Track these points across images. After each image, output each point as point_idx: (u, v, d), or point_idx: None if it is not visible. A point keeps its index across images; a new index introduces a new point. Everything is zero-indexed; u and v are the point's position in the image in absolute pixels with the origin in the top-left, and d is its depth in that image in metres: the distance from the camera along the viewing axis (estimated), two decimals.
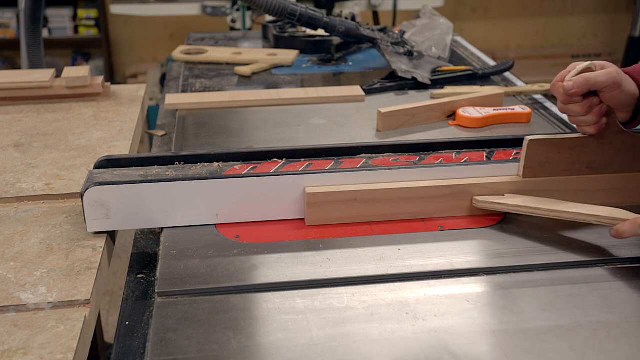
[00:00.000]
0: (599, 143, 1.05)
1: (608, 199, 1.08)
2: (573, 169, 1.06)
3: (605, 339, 0.80)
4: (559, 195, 1.07)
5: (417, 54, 1.85)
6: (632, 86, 1.00)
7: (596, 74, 0.98)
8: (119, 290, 2.78)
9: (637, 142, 1.06)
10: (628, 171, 1.08)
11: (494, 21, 5.23)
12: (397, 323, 0.83)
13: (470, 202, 1.06)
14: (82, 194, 0.99)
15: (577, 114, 1.01)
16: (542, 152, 1.04)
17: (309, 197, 1.02)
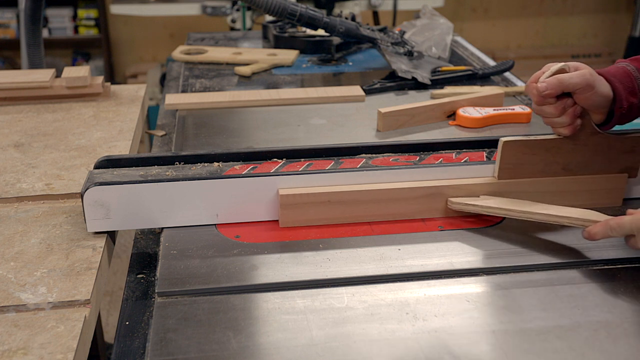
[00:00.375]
0: (574, 144, 1.05)
1: (584, 200, 1.08)
2: (549, 170, 1.06)
3: (605, 339, 0.80)
4: (535, 196, 1.06)
5: (417, 54, 1.85)
6: (605, 88, 0.99)
7: (569, 75, 0.97)
8: (119, 290, 2.78)
9: (613, 144, 1.06)
10: (604, 172, 1.08)
11: (494, 21, 5.23)
12: (397, 323, 0.83)
13: (445, 204, 1.06)
14: (82, 194, 0.99)
15: (551, 115, 1.01)
16: (517, 154, 1.04)
17: (282, 198, 1.02)
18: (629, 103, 1.01)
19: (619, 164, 1.08)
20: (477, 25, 5.20)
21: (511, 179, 1.05)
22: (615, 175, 1.08)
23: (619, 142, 1.06)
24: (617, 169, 1.08)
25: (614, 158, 1.07)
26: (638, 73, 1.02)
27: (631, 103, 1.01)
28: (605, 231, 0.91)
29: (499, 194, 1.06)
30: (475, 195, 1.06)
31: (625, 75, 1.02)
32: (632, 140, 1.06)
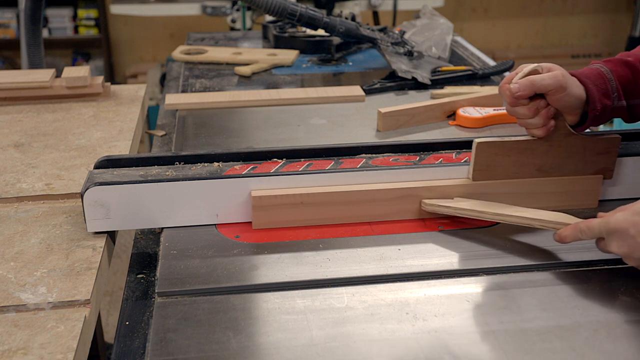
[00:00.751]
0: (548, 146, 1.04)
1: (560, 201, 1.08)
2: (523, 171, 1.05)
3: (605, 339, 0.80)
4: (510, 197, 1.06)
5: (417, 54, 1.85)
6: (578, 89, 0.99)
7: (541, 76, 0.97)
8: (119, 290, 2.78)
9: (587, 145, 1.05)
10: (579, 174, 1.07)
11: (494, 21, 5.23)
12: (397, 323, 0.83)
13: (420, 205, 1.05)
14: (82, 194, 0.99)
15: (524, 117, 1.01)
16: (492, 155, 1.03)
17: (255, 200, 1.01)
18: (602, 105, 1.00)
19: (594, 166, 1.07)
20: (477, 25, 5.20)
21: (486, 180, 1.05)
22: (590, 177, 1.08)
23: (594, 143, 1.05)
24: (592, 171, 1.08)
25: (588, 159, 1.06)
26: (612, 75, 1.02)
27: (605, 105, 1.01)
28: (575, 234, 0.91)
29: (473, 195, 1.05)
30: (450, 197, 1.05)
31: (598, 77, 1.01)
32: (607, 142, 1.06)
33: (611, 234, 0.87)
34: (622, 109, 1.03)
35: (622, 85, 1.02)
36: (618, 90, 1.02)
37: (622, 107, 1.03)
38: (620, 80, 1.02)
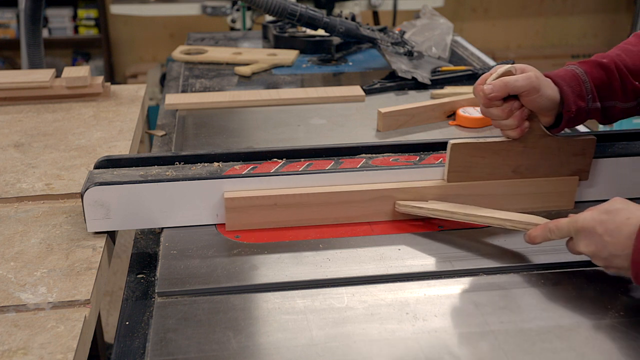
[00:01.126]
0: (523, 147, 1.04)
1: (536, 203, 1.08)
2: (498, 173, 1.05)
3: (605, 338, 0.80)
4: (486, 199, 1.05)
5: (417, 54, 1.85)
6: (552, 91, 0.99)
7: (515, 78, 0.97)
8: (119, 290, 2.78)
9: (563, 146, 1.05)
10: (555, 175, 1.07)
11: (494, 21, 5.23)
12: (397, 323, 0.83)
13: (394, 207, 1.05)
14: (82, 194, 0.99)
15: (499, 118, 1.00)
16: (466, 156, 1.03)
17: (228, 202, 1.01)
18: (577, 107, 1.00)
19: (570, 167, 1.07)
20: (477, 25, 5.20)
21: (461, 181, 1.05)
22: (566, 178, 1.07)
23: (569, 144, 1.05)
24: (568, 172, 1.07)
25: (564, 161, 1.06)
26: (587, 77, 1.02)
27: (579, 107, 1.00)
28: (545, 234, 0.91)
29: (449, 196, 1.05)
30: (425, 198, 1.05)
31: (573, 79, 1.01)
32: (582, 143, 1.05)
33: (579, 233, 0.87)
34: (596, 110, 1.03)
35: (596, 87, 1.02)
36: (592, 92, 1.02)
37: (596, 109, 1.03)
38: (594, 82, 1.02)
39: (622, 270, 0.84)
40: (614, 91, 1.03)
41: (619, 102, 1.04)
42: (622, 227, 0.82)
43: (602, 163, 1.09)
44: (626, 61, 1.04)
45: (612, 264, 0.84)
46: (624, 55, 1.04)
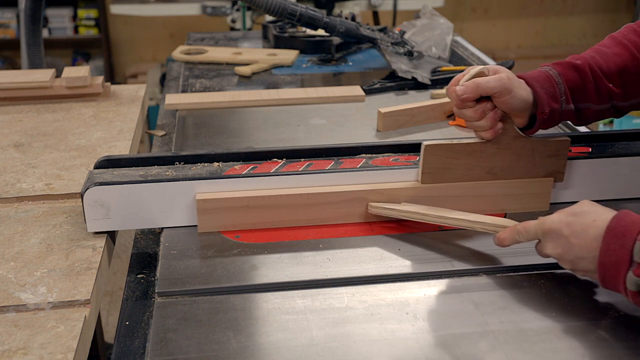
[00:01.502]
0: (497, 148, 1.03)
1: (511, 205, 1.07)
2: (473, 174, 1.05)
3: (605, 338, 0.80)
4: (460, 201, 1.05)
5: (417, 54, 1.85)
6: (524, 92, 0.98)
7: (486, 79, 0.96)
8: (119, 290, 2.78)
9: (537, 148, 1.04)
10: (529, 177, 1.06)
11: (494, 21, 5.23)
12: (397, 323, 0.83)
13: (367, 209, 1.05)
14: (82, 194, 0.99)
15: (472, 119, 1.00)
16: (440, 158, 1.03)
17: (199, 203, 1.00)
18: (550, 108, 1.00)
19: (545, 168, 1.06)
20: (477, 25, 5.20)
21: (435, 183, 1.04)
22: (540, 180, 1.07)
23: (543, 146, 1.05)
24: (542, 173, 1.07)
25: (539, 162, 1.06)
26: (560, 78, 1.01)
27: (553, 108, 1.00)
28: (513, 236, 0.91)
29: (423, 198, 1.04)
30: (399, 200, 1.04)
31: (547, 80, 1.01)
32: (557, 144, 1.05)
33: (546, 235, 0.87)
34: (570, 112, 1.03)
35: (570, 89, 1.02)
36: (566, 93, 1.01)
37: (570, 111, 1.02)
38: (568, 83, 1.02)
39: (589, 273, 0.84)
40: (588, 93, 1.03)
41: (592, 104, 1.04)
42: (588, 229, 0.82)
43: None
44: (600, 63, 1.03)
45: (579, 266, 0.84)
46: (598, 57, 1.04)
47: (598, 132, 1.19)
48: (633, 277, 0.77)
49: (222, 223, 1.02)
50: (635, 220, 0.79)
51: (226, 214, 1.01)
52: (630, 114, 4.03)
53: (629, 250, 0.77)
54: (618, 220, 0.80)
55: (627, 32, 1.07)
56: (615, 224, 0.80)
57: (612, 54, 1.05)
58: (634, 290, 0.78)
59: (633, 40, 1.05)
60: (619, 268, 0.78)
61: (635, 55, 1.04)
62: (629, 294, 0.79)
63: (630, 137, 1.17)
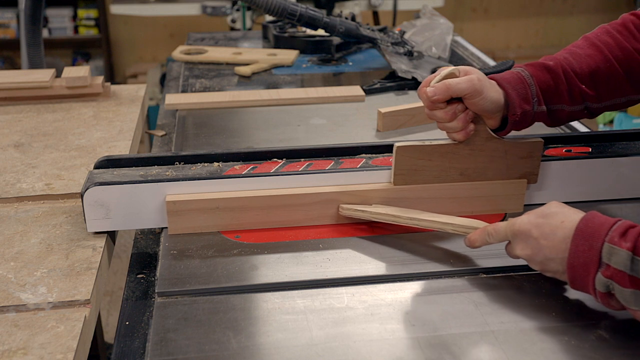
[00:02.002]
0: (470, 150, 1.03)
1: (485, 206, 1.07)
2: (445, 176, 1.04)
3: (605, 338, 0.80)
4: (433, 202, 1.05)
5: (417, 54, 1.85)
6: (496, 94, 0.98)
7: (457, 80, 0.96)
8: (119, 290, 2.78)
9: (510, 149, 1.04)
10: (503, 178, 1.06)
11: (494, 21, 5.23)
12: (397, 323, 0.83)
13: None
14: (82, 194, 0.99)
15: (443, 120, 1.00)
16: (412, 159, 1.02)
17: (169, 205, 0.99)
18: (522, 110, 0.99)
19: (518, 170, 1.06)
20: (477, 25, 5.20)
21: (407, 184, 1.04)
22: (514, 181, 1.06)
23: (516, 147, 1.04)
24: (516, 175, 1.06)
25: (512, 164, 1.05)
26: (532, 80, 1.01)
27: (524, 110, 0.99)
28: (483, 238, 0.91)
29: (395, 199, 1.04)
30: (371, 202, 1.04)
31: (519, 82, 1.00)
32: (530, 146, 1.04)
33: (515, 237, 0.87)
34: (543, 114, 1.02)
35: (542, 91, 1.01)
36: (538, 95, 1.01)
37: (542, 112, 1.02)
38: (540, 85, 1.01)
39: (557, 274, 0.85)
40: (561, 94, 1.02)
41: (565, 106, 1.03)
42: (557, 230, 0.82)
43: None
44: (573, 64, 1.03)
45: (548, 267, 0.85)
46: (570, 58, 1.04)
47: (598, 132, 1.19)
48: (602, 279, 0.77)
49: (192, 225, 1.01)
50: (604, 221, 0.79)
51: (196, 215, 1.00)
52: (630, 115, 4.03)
53: (598, 252, 0.77)
54: (586, 222, 0.80)
55: (601, 34, 1.06)
56: (584, 225, 0.80)
57: (585, 55, 1.04)
58: (604, 292, 0.78)
59: (606, 42, 1.04)
60: (588, 269, 0.78)
61: (607, 57, 1.03)
62: (598, 295, 0.79)
63: (630, 137, 1.17)
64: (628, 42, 1.03)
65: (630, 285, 0.75)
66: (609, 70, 1.03)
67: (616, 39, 1.04)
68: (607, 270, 0.76)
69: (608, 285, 0.77)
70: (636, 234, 0.75)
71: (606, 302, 0.79)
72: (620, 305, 0.78)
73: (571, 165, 1.09)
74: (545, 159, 1.08)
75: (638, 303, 0.75)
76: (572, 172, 1.09)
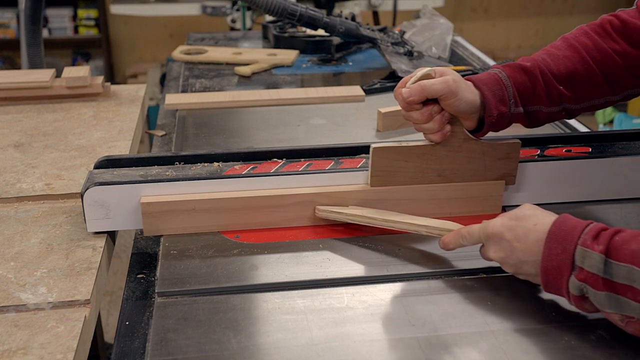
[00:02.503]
0: (447, 151, 1.02)
1: (462, 207, 1.07)
2: (423, 177, 1.04)
3: (606, 338, 0.80)
4: (410, 204, 1.04)
5: (417, 54, 1.85)
6: (472, 95, 0.97)
7: (432, 81, 0.96)
8: (119, 290, 2.78)
9: (487, 151, 1.03)
10: (480, 179, 1.05)
11: (494, 21, 5.23)
12: (397, 323, 0.83)
13: None
14: (82, 194, 0.99)
15: (419, 122, 0.99)
16: (389, 160, 1.01)
17: (144, 207, 0.99)
18: (498, 111, 0.99)
19: (496, 171, 1.05)
20: (477, 25, 5.20)
21: (384, 185, 1.03)
22: (491, 182, 1.06)
23: (493, 148, 1.04)
24: (494, 176, 1.06)
25: (489, 165, 1.05)
26: (509, 81, 1.00)
27: (501, 111, 0.99)
28: (457, 240, 0.91)
29: (372, 201, 1.03)
30: (347, 203, 1.03)
31: (495, 83, 1.00)
32: (507, 147, 1.04)
33: (489, 239, 0.87)
34: (520, 115, 1.02)
35: (519, 92, 1.01)
36: (515, 96, 1.00)
37: (519, 114, 1.02)
38: (517, 86, 1.01)
39: (530, 276, 0.85)
40: (538, 96, 1.02)
41: (543, 107, 1.03)
42: (529, 233, 0.82)
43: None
44: (550, 65, 1.02)
45: (521, 270, 0.85)
46: (548, 59, 1.03)
47: (598, 132, 1.19)
48: (575, 282, 0.77)
49: (167, 226, 1.00)
50: (576, 224, 0.79)
51: (172, 217, 1.00)
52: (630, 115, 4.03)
53: (571, 255, 0.77)
54: (559, 225, 0.80)
55: (579, 35, 1.05)
56: (557, 228, 0.80)
57: (562, 56, 1.03)
58: (577, 295, 0.78)
59: (584, 43, 1.04)
60: (562, 272, 0.78)
61: (585, 58, 1.02)
62: (572, 298, 0.79)
63: (630, 137, 1.17)
64: (606, 43, 1.03)
65: (603, 288, 0.75)
66: (587, 72, 1.02)
67: (594, 40, 1.03)
68: (580, 274, 0.76)
69: (582, 289, 0.77)
70: (608, 237, 0.75)
71: (580, 305, 0.79)
72: (594, 308, 0.78)
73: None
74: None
75: (612, 306, 0.75)
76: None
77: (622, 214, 1.08)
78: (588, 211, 1.09)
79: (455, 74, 0.98)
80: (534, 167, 1.08)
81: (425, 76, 0.97)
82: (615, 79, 1.03)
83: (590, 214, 1.08)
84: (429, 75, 0.97)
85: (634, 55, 1.02)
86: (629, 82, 1.04)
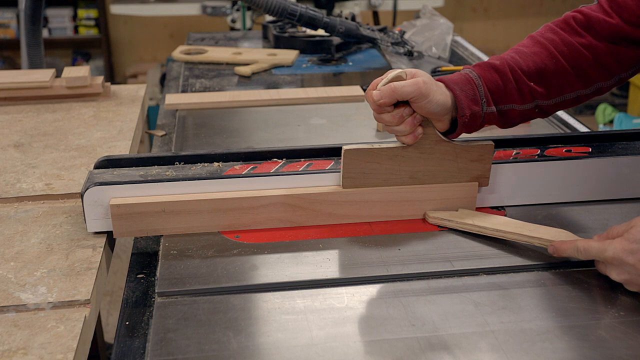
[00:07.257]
0: (419, 153, 1.02)
1: (434, 209, 1.06)
2: (395, 179, 1.03)
3: (606, 338, 0.80)
4: (384, 205, 1.04)
5: (417, 54, 1.85)
6: (442, 96, 0.97)
7: (402, 83, 0.95)
8: (119, 290, 2.78)
9: (460, 152, 1.03)
10: (454, 181, 1.05)
11: (494, 21, 5.23)
12: (397, 323, 0.83)
13: (297, 213, 1.03)
14: (82, 194, 0.99)
15: (390, 124, 0.98)
16: (361, 162, 1.01)
17: (113, 209, 0.98)
18: (471, 111, 0.99)
19: (469, 173, 1.05)
20: (477, 25, 5.20)
21: (356, 187, 1.03)
22: (465, 184, 1.06)
23: (466, 150, 1.03)
24: (467, 178, 1.05)
25: (462, 167, 1.04)
26: (480, 80, 1.00)
27: (473, 111, 0.99)
28: (572, 252, 0.91)
29: (345, 203, 1.03)
30: (319, 205, 1.03)
31: (466, 83, 1.00)
32: (480, 149, 1.04)
33: (609, 264, 0.87)
34: (493, 114, 1.02)
35: (490, 91, 1.01)
36: (487, 95, 1.00)
37: (492, 113, 1.01)
38: (488, 85, 1.01)
39: None
40: (510, 94, 1.02)
41: (516, 105, 1.03)
42: None
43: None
44: (520, 62, 1.02)
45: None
46: (517, 57, 1.03)
47: (598, 132, 1.19)
48: None
49: (138, 228, 1.00)
50: None
51: (142, 219, 0.99)
52: (630, 114, 4.03)
53: None
54: None
55: (545, 31, 1.06)
56: None
57: (531, 53, 1.03)
58: None
59: (551, 39, 1.04)
60: None
61: (553, 53, 1.03)
62: None
63: (630, 137, 1.17)
64: (572, 37, 1.03)
65: None
66: (556, 66, 1.03)
67: (560, 35, 1.04)
68: None
69: None
70: None
71: None
72: None
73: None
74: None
75: None
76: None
77: (622, 214, 1.08)
78: (588, 211, 1.09)
79: (427, 76, 0.97)
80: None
81: (396, 78, 0.96)
82: (584, 71, 1.04)
83: (590, 214, 1.08)
84: (400, 77, 0.96)
85: (600, 48, 1.03)
86: (597, 74, 1.04)
